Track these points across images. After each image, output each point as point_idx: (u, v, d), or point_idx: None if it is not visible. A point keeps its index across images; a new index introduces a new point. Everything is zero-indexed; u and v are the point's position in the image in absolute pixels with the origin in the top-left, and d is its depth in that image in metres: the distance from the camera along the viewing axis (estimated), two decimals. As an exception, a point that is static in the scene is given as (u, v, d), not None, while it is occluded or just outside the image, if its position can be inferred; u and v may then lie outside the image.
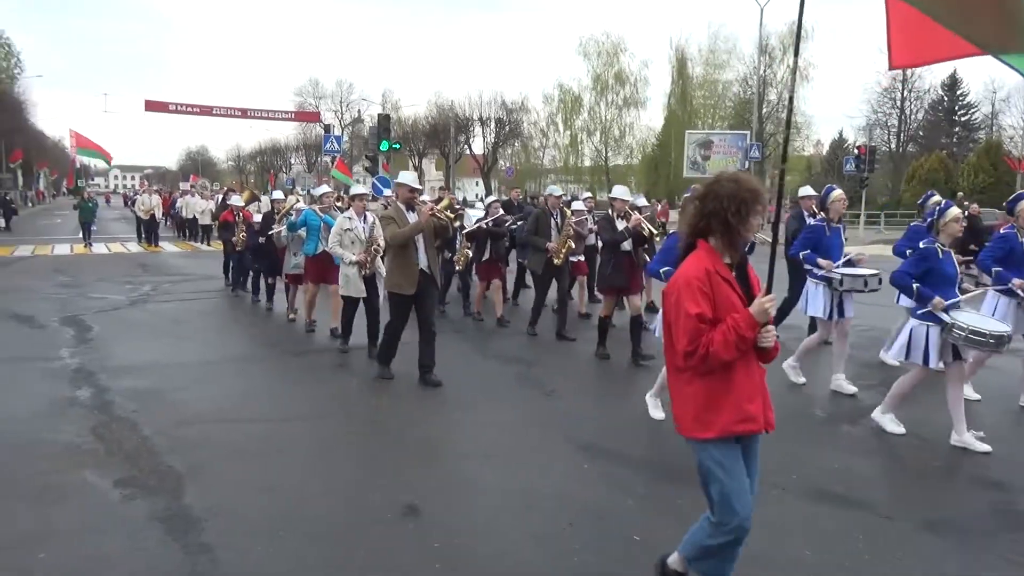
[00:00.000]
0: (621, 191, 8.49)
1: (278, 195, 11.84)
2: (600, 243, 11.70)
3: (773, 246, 3.27)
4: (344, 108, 68.02)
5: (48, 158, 73.93)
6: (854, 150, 38.12)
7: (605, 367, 8.18)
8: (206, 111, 43.16)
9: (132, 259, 20.28)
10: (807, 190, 9.41)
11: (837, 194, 7.41)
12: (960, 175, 40.15)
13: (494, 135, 58.89)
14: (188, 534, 4.09)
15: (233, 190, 24.20)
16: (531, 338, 9.59)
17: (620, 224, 8.08)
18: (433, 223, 7.09)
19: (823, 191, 7.72)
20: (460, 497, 4.72)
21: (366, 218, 8.35)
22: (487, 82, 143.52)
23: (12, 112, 47.45)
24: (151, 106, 41.25)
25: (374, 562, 3.85)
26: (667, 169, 46.63)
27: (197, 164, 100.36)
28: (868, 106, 51.79)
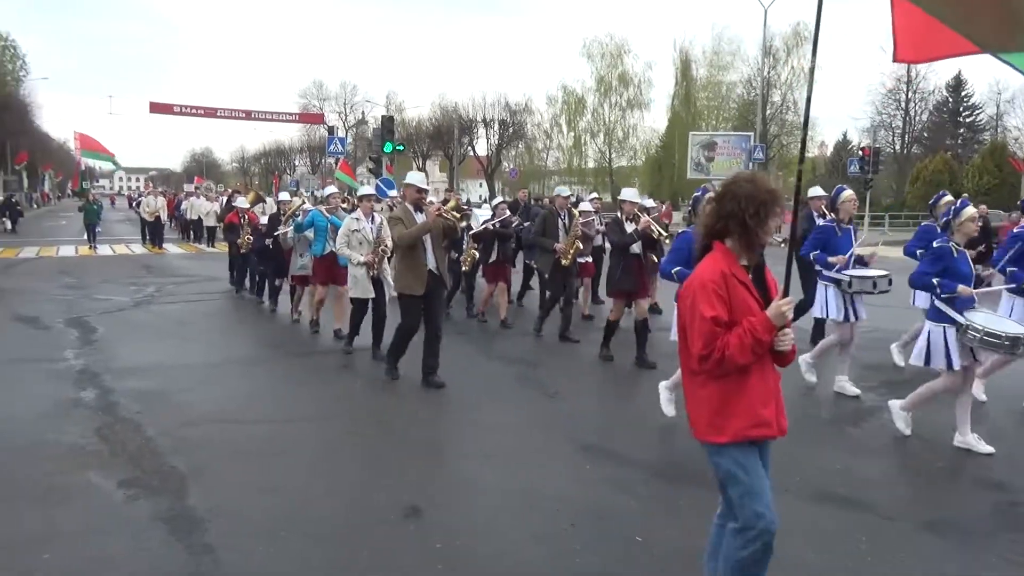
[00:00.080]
0: (630, 193, 8.37)
1: (284, 196, 11.88)
2: (608, 245, 11.76)
3: (790, 248, 3.20)
4: (348, 110, 68.27)
5: (53, 160, 74.18)
6: (858, 151, 37.98)
7: (608, 369, 8.19)
8: (210, 113, 43.33)
9: (136, 261, 20.34)
10: (817, 191, 9.35)
11: (847, 194, 7.31)
12: (965, 176, 40.06)
13: (498, 137, 58.95)
14: (191, 535, 4.11)
15: (238, 191, 24.26)
16: (534, 340, 9.60)
17: (629, 226, 7.98)
18: (441, 223, 7.07)
19: (833, 191, 7.65)
20: (462, 498, 4.73)
21: (374, 219, 8.34)
22: (491, 84, 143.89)
23: (18, 114, 47.64)
24: (156, 108, 41.44)
25: (376, 563, 3.86)
26: (671, 171, 46.58)
27: (201, 166, 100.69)
28: (872, 107, 51.63)
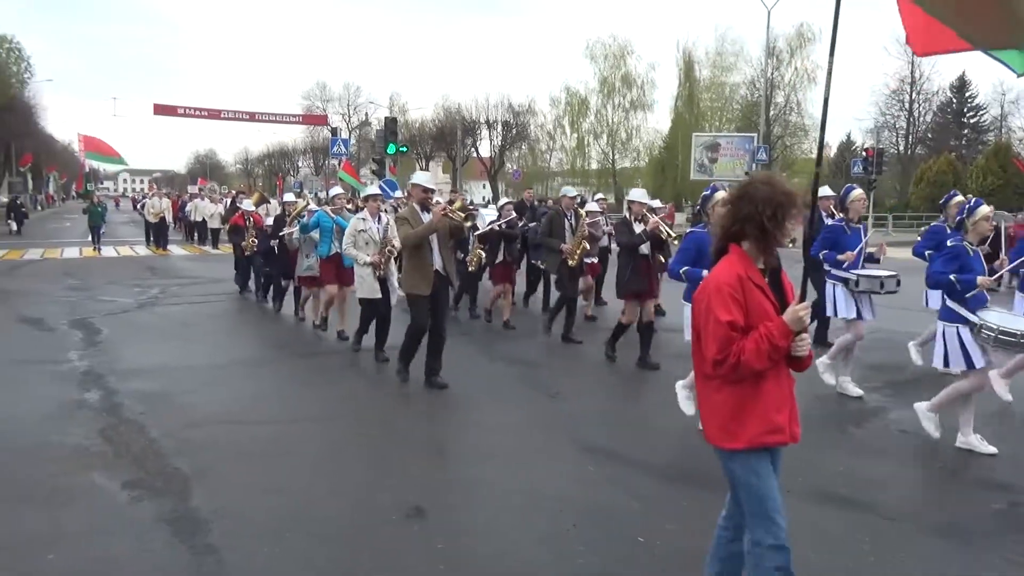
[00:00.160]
0: (638, 194, 8.31)
1: (289, 197, 11.90)
2: (613, 246, 11.72)
3: (806, 252, 3.17)
4: (351, 111, 68.35)
5: (57, 162, 74.47)
6: (862, 152, 38.00)
7: (611, 370, 8.18)
8: (214, 115, 43.49)
9: (141, 262, 20.39)
10: (825, 190, 9.23)
11: (857, 194, 7.27)
12: (969, 177, 39.96)
13: (501, 138, 58.91)
14: (195, 536, 4.12)
15: (243, 192, 24.32)
16: (537, 341, 9.60)
17: (637, 227, 7.90)
18: (447, 223, 7.05)
19: (842, 191, 7.61)
20: (465, 498, 4.74)
21: (380, 219, 8.30)
22: (494, 85, 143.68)
23: (23, 116, 47.68)
24: (160, 110, 41.59)
25: (380, 563, 3.88)
26: (674, 172, 46.51)
27: (205, 167, 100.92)
28: (876, 108, 51.67)
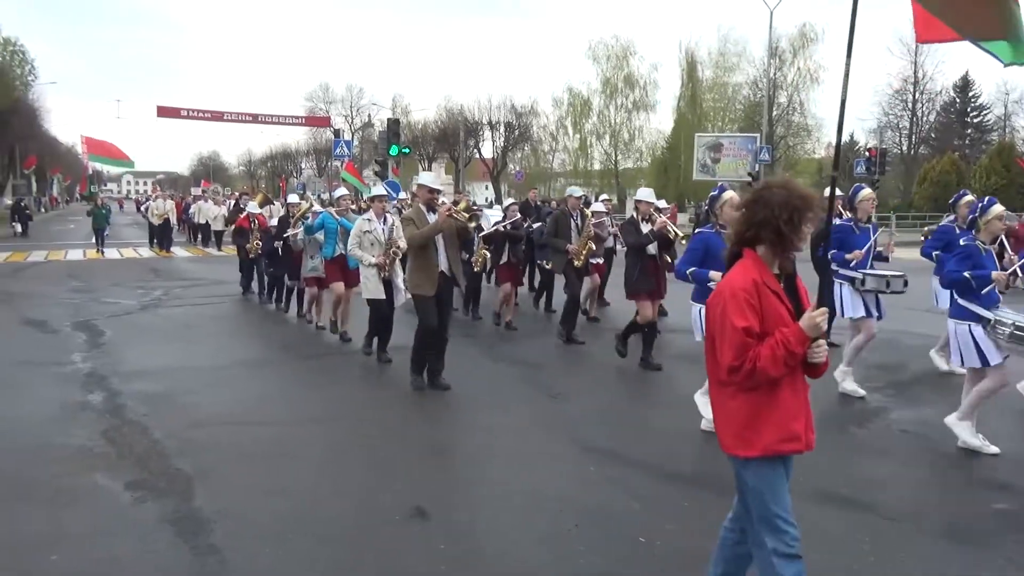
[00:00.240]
0: (646, 193, 8.28)
1: (293, 199, 11.90)
2: (618, 246, 11.69)
3: (824, 256, 3.11)
4: (354, 113, 68.46)
5: (61, 164, 74.61)
6: (865, 152, 37.92)
7: (612, 370, 8.17)
8: (217, 116, 43.54)
9: (144, 264, 20.44)
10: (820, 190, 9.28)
11: (866, 193, 7.17)
12: (972, 177, 39.88)
13: (503, 139, 58.93)
14: (197, 536, 4.14)
15: (246, 194, 24.33)
16: (539, 342, 9.60)
17: (644, 227, 7.86)
18: (453, 224, 6.99)
19: (851, 190, 7.52)
20: (467, 499, 4.76)
21: (386, 220, 8.25)
22: (496, 86, 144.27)
23: (27, 119, 47.81)
24: (163, 112, 41.64)
25: (382, 564, 3.89)
26: (677, 172, 46.51)
27: (209, 169, 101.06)
28: (879, 108, 51.55)
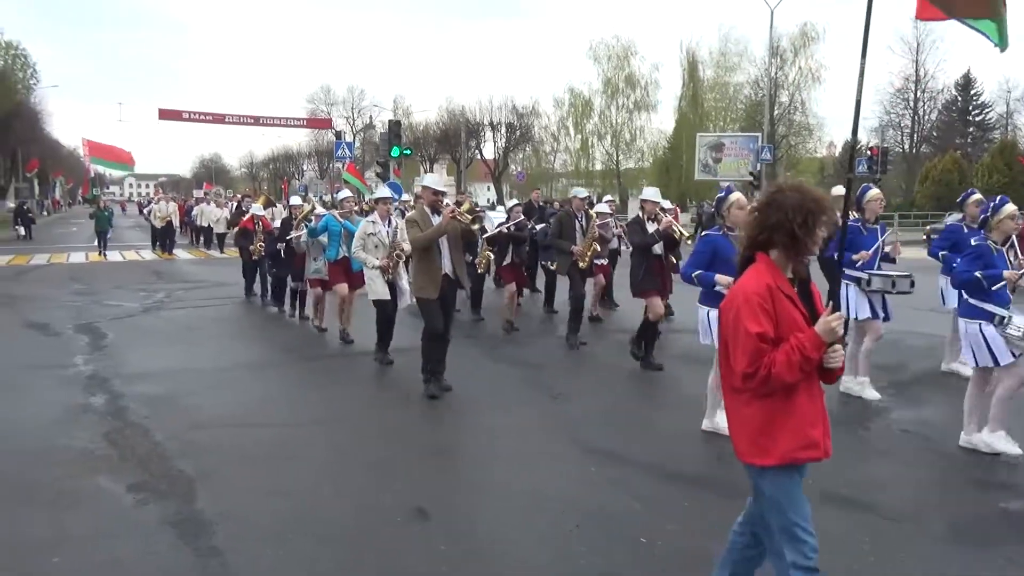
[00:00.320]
0: (651, 193, 8.23)
1: (296, 201, 11.88)
2: (623, 248, 11.67)
3: (839, 260, 3.09)
4: (356, 114, 68.60)
5: (63, 167, 74.77)
6: (867, 151, 37.88)
7: (613, 371, 8.16)
8: (219, 119, 43.60)
9: (146, 267, 20.47)
10: (839, 190, 9.13)
11: (874, 193, 7.05)
12: (974, 176, 39.82)
13: (505, 140, 59.03)
14: (199, 538, 4.15)
15: (248, 196, 24.34)
16: (540, 342, 9.61)
17: (650, 227, 7.81)
18: (457, 226, 6.92)
19: (859, 190, 7.35)
20: (468, 500, 4.77)
21: (390, 222, 8.21)
22: (498, 87, 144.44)
23: (29, 122, 48.02)
24: (165, 115, 41.70)
25: (383, 565, 3.90)
26: (678, 172, 46.55)
27: (211, 172, 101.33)
28: (881, 107, 51.46)
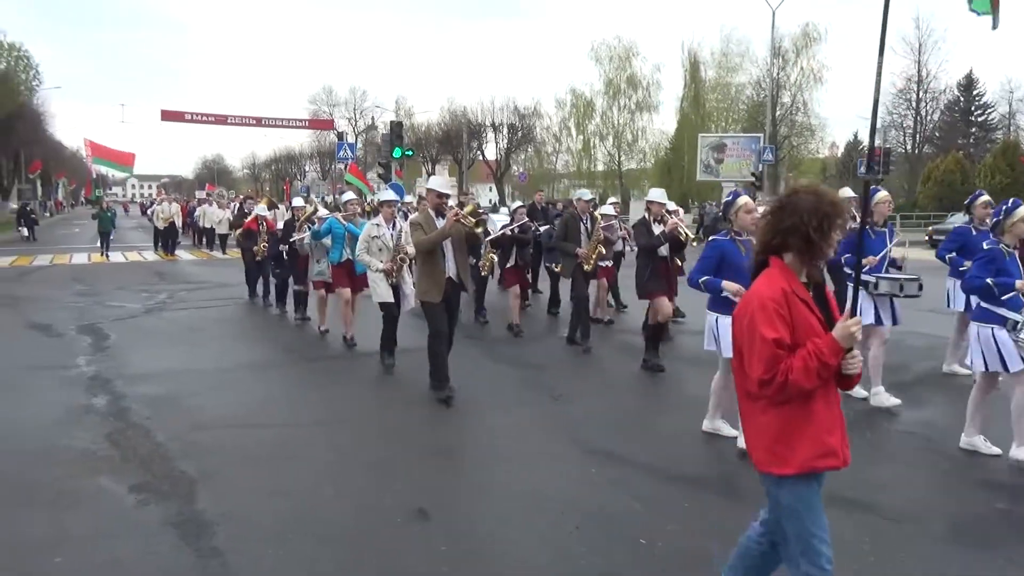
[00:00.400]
0: (657, 194, 8.20)
1: (298, 202, 11.85)
2: (627, 249, 11.65)
3: (858, 264, 3.01)
4: (358, 115, 68.69)
5: (66, 168, 74.90)
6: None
7: (614, 372, 8.17)
8: (221, 120, 43.60)
9: (149, 267, 20.49)
10: (847, 192, 9.07)
11: (882, 196, 6.95)
12: (976, 176, 39.73)
13: (507, 141, 59.09)
14: (200, 539, 4.16)
15: (251, 198, 24.34)
16: (541, 344, 9.61)
17: (656, 228, 7.79)
18: (461, 229, 6.86)
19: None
20: (468, 500, 4.77)
21: (394, 224, 8.16)
22: (500, 88, 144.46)
23: (32, 124, 48.11)
24: (167, 116, 41.73)
25: (383, 565, 3.90)
26: (680, 173, 46.55)
27: (213, 173, 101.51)
28: (883, 107, 51.32)
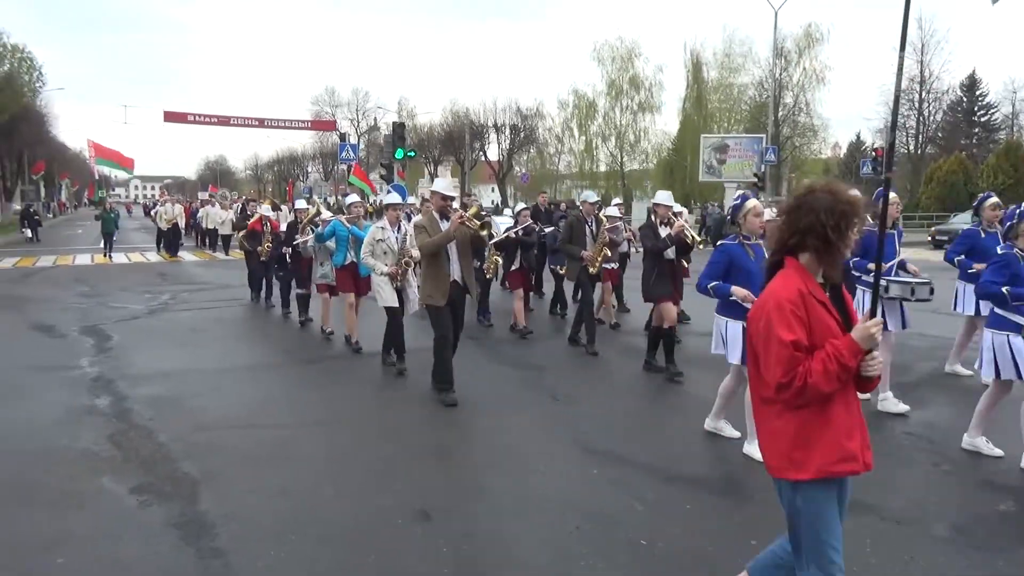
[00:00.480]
0: (664, 196, 8.14)
1: (301, 204, 11.84)
2: (633, 251, 11.65)
3: (878, 266, 2.93)
4: (360, 116, 68.79)
5: (69, 169, 75.12)
6: (871, 152, 37.81)
7: (615, 373, 8.18)
8: (224, 121, 43.69)
9: (151, 268, 20.53)
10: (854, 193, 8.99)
11: (891, 197, 6.84)
12: (980, 176, 39.67)
13: (509, 141, 59.14)
14: (201, 539, 4.17)
15: (253, 200, 24.34)
16: (542, 345, 9.62)
17: (663, 231, 7.73)
18: (466, 232, 6.80)
19: (874, 195, 7.11)
20: (469, 501, 4.77)
21: (399, 228, 8.12)
22: (502, 89, 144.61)
23: (35, 125, 48.22)
24: (170, 117, 41.83)
25: (384, 566, 3.91)
26: (682, 173, 46.52)
27: (216, 174, 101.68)
28: (885, 108, 51.16)
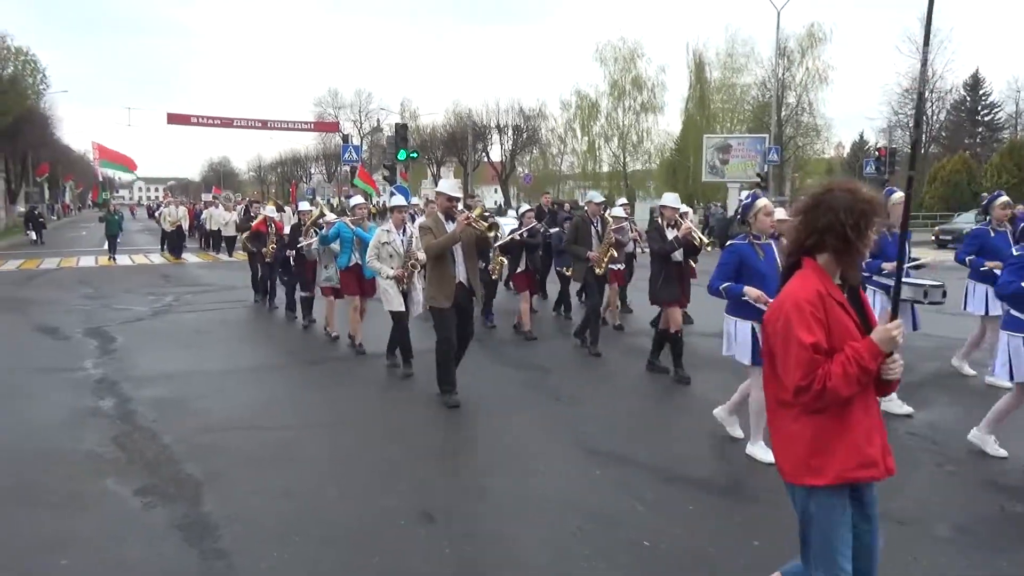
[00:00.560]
0: (671, 199, 8.08)
1: (304, 206, 11.83)
2: (639, 252, 11.62)
3: (899, 265, 2.88)
4: (363, 117, 68.85)
5: (73, 171, 75.25)
6: (874, 152, 37.75)
7: (618, 374, 8.17)
8: (227, 123, 43.83)
9: (155, 270, 20.58)
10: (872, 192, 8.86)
11: (898, 196, 6.72)
12: (983, 176, 39.60)
13: (512, 142, 59.06)
14: (204, 540, 4.18)
15: (256, 201, 24.37)
16: (545, 346, 9.63)
17: (669, 233, 7.68)
18: (472, 234, 6.74)
19: (883, 193, 7.23)
20: (471, 502, 4.78)
21: (405, 230, 8.09)
22: (505, 90, 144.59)
23: (39, 127, 48.31)
24: (173, 119, 41.98)
25: (387, 567, 3.92)
26: (685, 174, 46.40)
27: (219, 175, 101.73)
28: (889, 107, 51.11)
